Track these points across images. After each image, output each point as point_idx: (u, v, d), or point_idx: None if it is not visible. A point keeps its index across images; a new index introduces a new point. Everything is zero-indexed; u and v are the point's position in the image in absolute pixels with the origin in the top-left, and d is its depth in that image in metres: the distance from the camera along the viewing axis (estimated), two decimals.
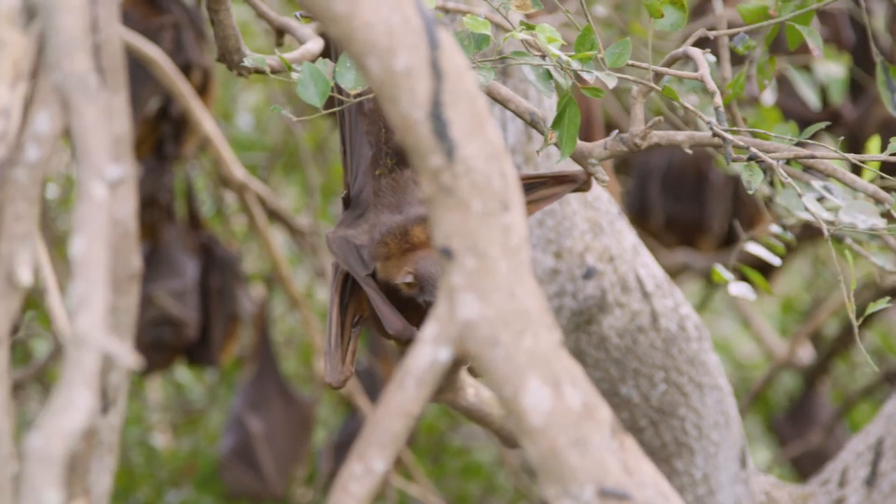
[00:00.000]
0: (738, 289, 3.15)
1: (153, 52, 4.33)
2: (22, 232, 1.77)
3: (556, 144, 2.52)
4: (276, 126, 6.06)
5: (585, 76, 2.44)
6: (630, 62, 2.47)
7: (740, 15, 2.72)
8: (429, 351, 1.83)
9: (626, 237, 3.39)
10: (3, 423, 1.64)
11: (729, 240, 5.68)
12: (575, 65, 2.41)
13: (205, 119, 4.38)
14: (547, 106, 3.33)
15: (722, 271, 3.16)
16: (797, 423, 6.01)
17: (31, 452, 1.56)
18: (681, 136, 2.60)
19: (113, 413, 1.83)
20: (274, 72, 2.79)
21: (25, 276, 1.76)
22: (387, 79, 1.80)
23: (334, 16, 1.79)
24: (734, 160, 2.45)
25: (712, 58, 2.65)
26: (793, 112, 4.82)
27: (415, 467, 4.96)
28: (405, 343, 2.63)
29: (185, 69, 4.79)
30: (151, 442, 6.37)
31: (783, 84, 4.57)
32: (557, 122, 2.45)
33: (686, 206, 5.63)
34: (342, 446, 5.38)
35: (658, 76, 2.53)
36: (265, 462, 5.30)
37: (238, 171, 4.53)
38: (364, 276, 2.60)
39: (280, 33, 3.12)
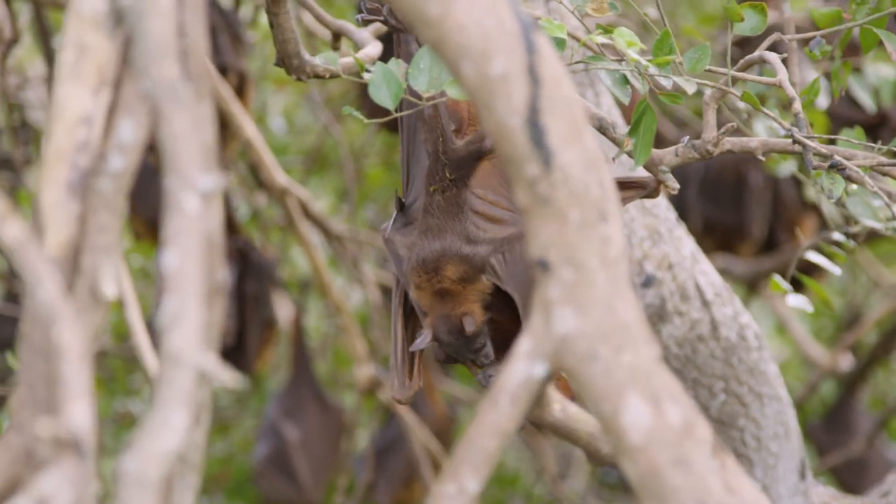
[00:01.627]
0: (795, 300, 3.08)
1: None
2: (105, 244, 1.71)
3: (628, 153, 2.46)
4: (309, 129, 6.01)
5: (663, 81, 2.38)
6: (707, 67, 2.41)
7: (813, 19, 2.65)
8: (523, 366, 1.77)
9: (685, 244, 3.33)
10: (88, 441, 1.58)
11: (768, 245, 5.60)
12: (652, 70, 2.35)
13: (246, 123, 4.32)
14: (604, 111, 3.27)
15: (780, 282, 3.08)
16: (835, 431, 5.93)
17: (125, 475, 1.50)
18: (754, 142, 2.54)
19: (198, 431, 1.77)
20: (334, 76, 2.73)
21: (109, 290, 1.70)
22: (482, 84, 1.74)
23: (428, 19, 1.73)
24: (815, 168, 2.39)
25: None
26: (838, 115, 4.75)
27: None
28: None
29: (221, 72, 4.73)
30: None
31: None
32: (634, 130, 2.39)
33: (725, 211, 5.55)
34: (381, 454, 5.32)
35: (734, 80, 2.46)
36: (301, 470, 5.24)
37: (280, 176, 4.46)
38: (407, 289, 2.54)
39: (336, 37, 3.06)
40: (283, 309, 5.35)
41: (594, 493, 6.98)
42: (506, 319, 2.44)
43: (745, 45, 4.16)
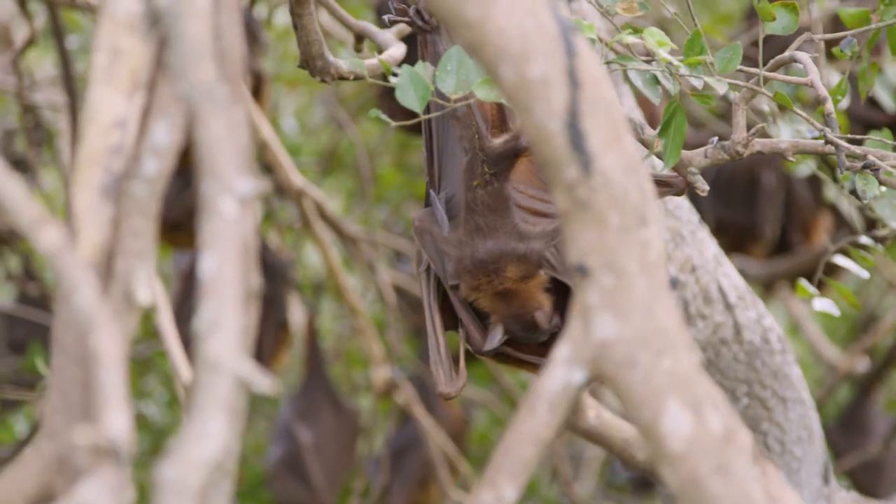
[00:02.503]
0: (822, 304, 3.05)
1: None
2: (139, 249, 1.69)
3: (657, 154, 2.44)
4: (322, 130, 5.98)
5: (694, 82, 2.36)
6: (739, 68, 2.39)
7: (842, 19, 2.63)
8: (562, 373, 1.74)
9: (708, 247, 3.30)
10: (127, 449, 1.56)
11: (781, 246, 5.56)
12: (683, 70, 2.33)
13: (262, 124, 4.30)
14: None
15: (806, 286, 3.05)
16: (851, 433, 5.90)
17: (164, 484, 1.47)
18: (784, 143, 2.52)
19: (233, 437, 1.74)
20: (358, 77, 2.70)
21: (143, 295, 1.68)
22: (521, 87, 1.71)
23: (466, 21, 1.71)
24: (847, 168, 2.36)
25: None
26: (854, 115, 4.72)
27: (471, 477, 4.88)
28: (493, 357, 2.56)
29: None
30: None
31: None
32: (664, 131, 2.37)
33: (737, 212, 5.51)
34: (396, 456, 5.29)
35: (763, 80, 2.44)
36: (314, 473, 5.21)
37: (296, 178, 4.44)
38: (450, 286, 2.52)
39: (359, 38, 3.04)
40: (296, 311, 5.32)
41: (603, 493, 6.97)
42: (563, 293, 2.47)
43: (765, 44, 4.13)
